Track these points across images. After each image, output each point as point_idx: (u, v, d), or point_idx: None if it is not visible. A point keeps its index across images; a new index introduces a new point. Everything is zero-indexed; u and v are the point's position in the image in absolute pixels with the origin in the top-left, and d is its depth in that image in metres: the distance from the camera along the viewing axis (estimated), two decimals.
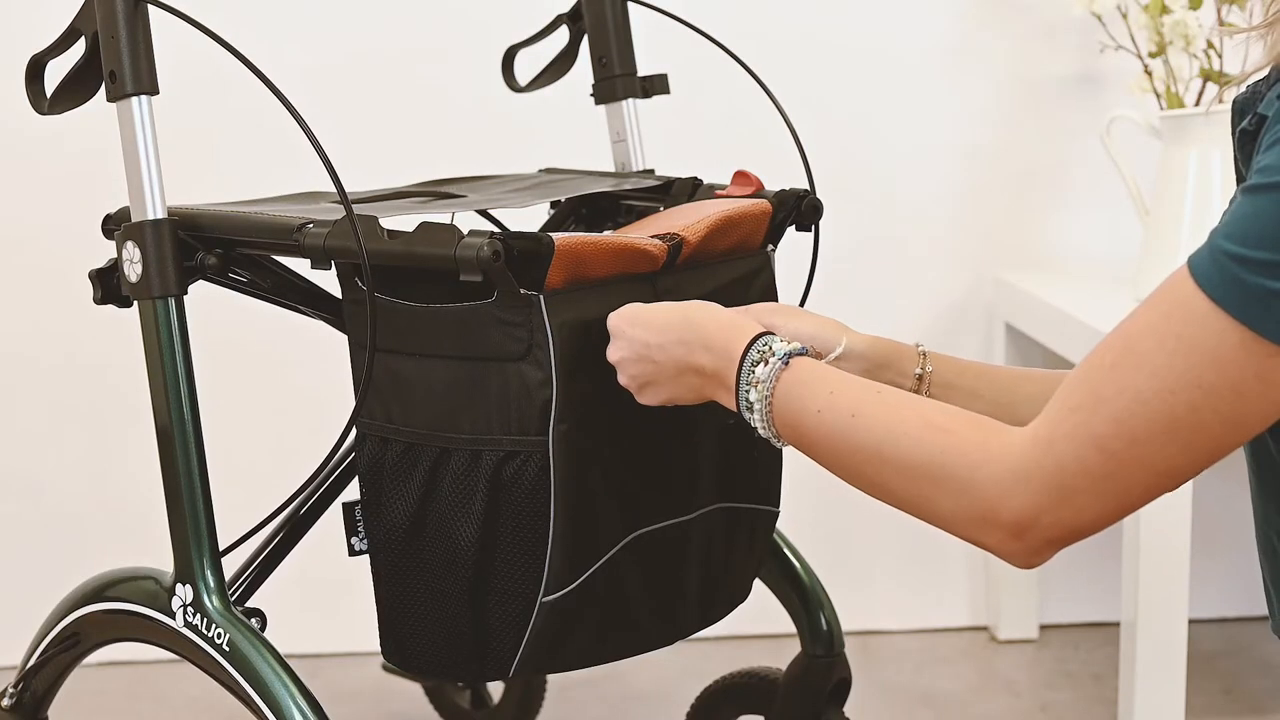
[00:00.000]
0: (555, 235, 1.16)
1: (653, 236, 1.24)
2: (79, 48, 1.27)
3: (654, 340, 1.15)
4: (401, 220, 1.28)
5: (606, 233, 1.55)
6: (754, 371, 1.10)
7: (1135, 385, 0.91)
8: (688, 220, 1.29)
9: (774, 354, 1.10)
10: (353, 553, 1.32)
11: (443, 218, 1.26)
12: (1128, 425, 0.92)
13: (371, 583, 1.29)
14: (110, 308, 1.34)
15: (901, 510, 1.05)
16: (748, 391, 1.10)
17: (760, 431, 1.11)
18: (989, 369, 1.25)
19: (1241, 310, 0.88)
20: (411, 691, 2.08)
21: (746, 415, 1.12)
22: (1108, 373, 0.93)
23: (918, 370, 1.23)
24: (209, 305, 1.47)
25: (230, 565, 1.31)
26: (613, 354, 1.18)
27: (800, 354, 1.10)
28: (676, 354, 1.15)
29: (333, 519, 1.37)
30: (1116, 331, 0.94)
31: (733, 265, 1.32)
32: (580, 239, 1.18)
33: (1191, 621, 1.88)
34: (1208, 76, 2.01)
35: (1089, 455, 0.93)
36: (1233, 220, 0.91)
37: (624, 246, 1.21)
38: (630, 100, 1.63)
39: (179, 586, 1.28)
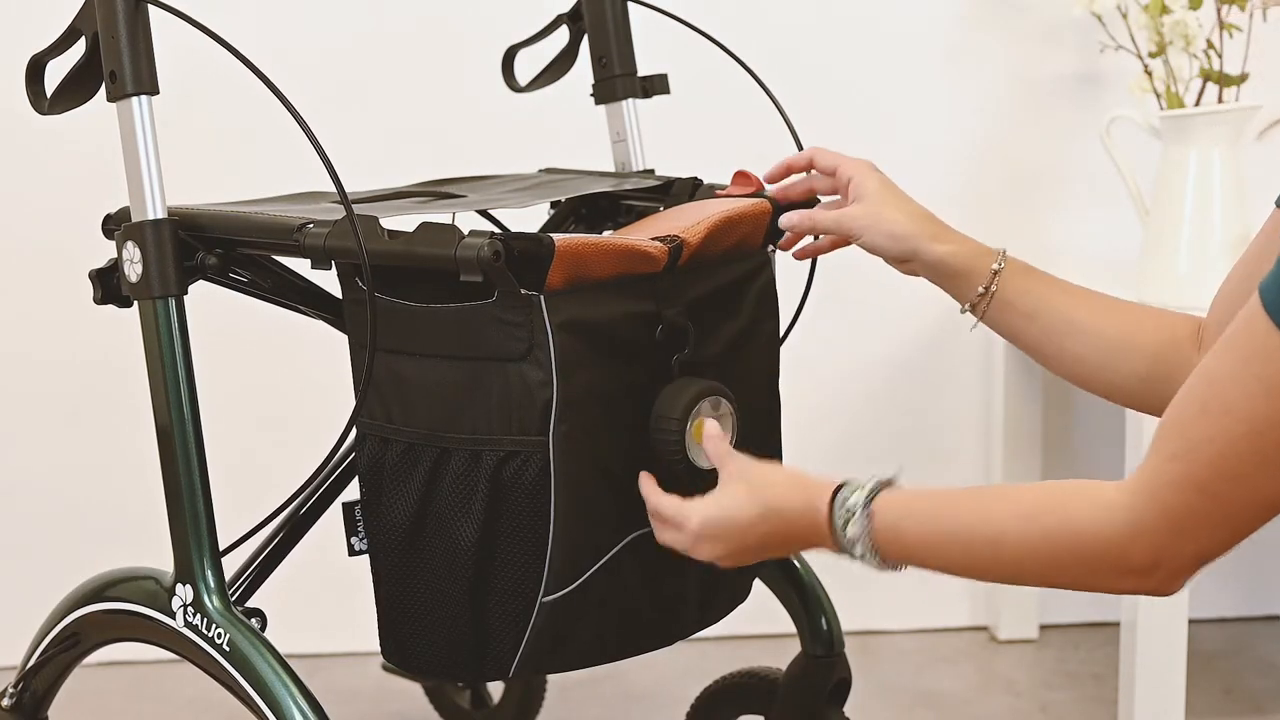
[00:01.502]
0: (555, 236, 1.16)
1: (653, 238, 1.24)
2: (79, 48, 1.27)
3: (738, 542, 1.18)
4: (401, 220, 1.28)
5: (607, 233, 1.55)
6: (845, 533, 1.13)
7: (1225, 430, 0.94)
8: (688, 221, 1.29)
9: (854, 511, 1.13)
10: (353, 553, 1.32)
11: (443, 218, 1.26)
12: (1224, 468, 0.95)
13: (371, 583, 1.29)
14: (110, 308, 1.34)
15: (1041, 587, 1.10)
16: (851, 549, 1.13)
17: (879, 570, 1.15)
18: (1049, 295, 1.29)
19: None
20: (411, 691, 2.08)
21: (859, 562, 1.15)
22: (1196, 418, 0.96)
23: (980, 288, 1.29)
24: (209, 305, 1.47)
25: (230, 565, 1.31)
26: (694, 550, 1.20)
27: (875, 494, 1.12)
28: (765, 547, 1.19)
29: (333, 519, 1.37)
30: (1199, 373, 0.97)
31: (732, 266, 1.32)
32: (581, 240, 1.18)
33: (1191, 621, 1.89)
34: (1208, 76, 2.01)
35: (1193, 499, 0.97)
36: None
37: (625, 247, 1.21)
38: (630, 100, 1.63)
39: (179, 586, 1.28)
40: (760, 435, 1.35)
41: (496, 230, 1.35)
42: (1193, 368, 0.99)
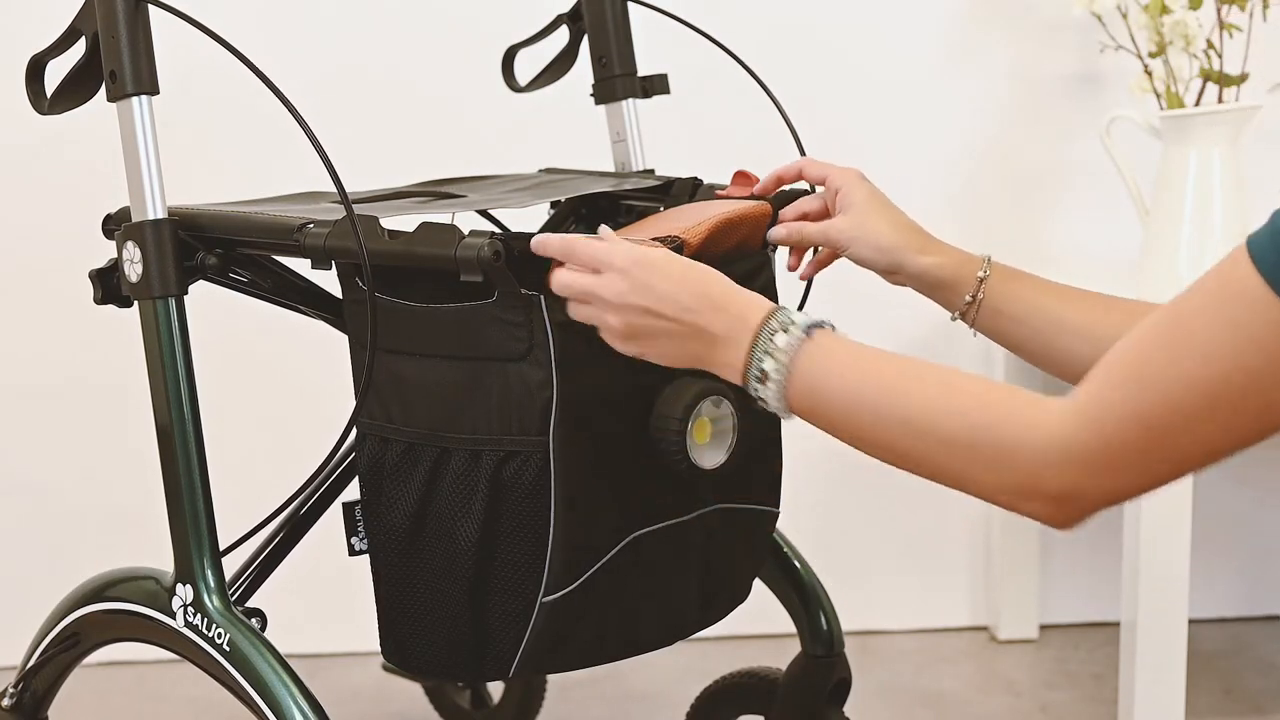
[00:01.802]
0: (556, 238, 1.16)
1: (653, 239, 1.24)
2: (79, 48, 1.27)
3: (670, 295, 1.11)
4: (402, 220, 1.28)
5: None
6: (772, 340, 1.08)
7: (1184, 367, 0.92)
8: (689, 221, 1.29)
9: (795, 324, 1.08)
10: (353, 553, 1.32)
11: (443, 218, 1.26)
12: (1173, 406, 0.93)
13: (371, 583, 1.29)
14: (110, 308, 1.34)
15: (931, 480, 1.05)
16: (762, 361, 1.08)
17: (770, 404, 1.09)
18: (1036, 298, 1.27)
19: None
20: (411, 691, 2.08)
21: (754, 387, 1.09)
22: (1156, 353, 0.93)
23: (968, 297, 1.27)
24: (209, 305, 1.47)
25: (230, 565, 1.31)
26: (607, 293, 1.12)
27: (820, 326, 1.09)
28: (690, 317, 1.10)
29: (333, 519, 1.37)
30: (1169, 307, 0.95)
31: (733, 265, 1.32)
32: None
33: (1191, 621, 1.89)
34: (1208, 76, 2.01)
35: (1133, 433, 0.94)
36: None
37: None
38: (630, 100, 1.63)
39: (179, 586, 1.28)
40: (760, 435, 1.35)
41: (496, 230, 1.35)
42: None
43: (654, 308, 1.11)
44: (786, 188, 1.39)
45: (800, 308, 1.42)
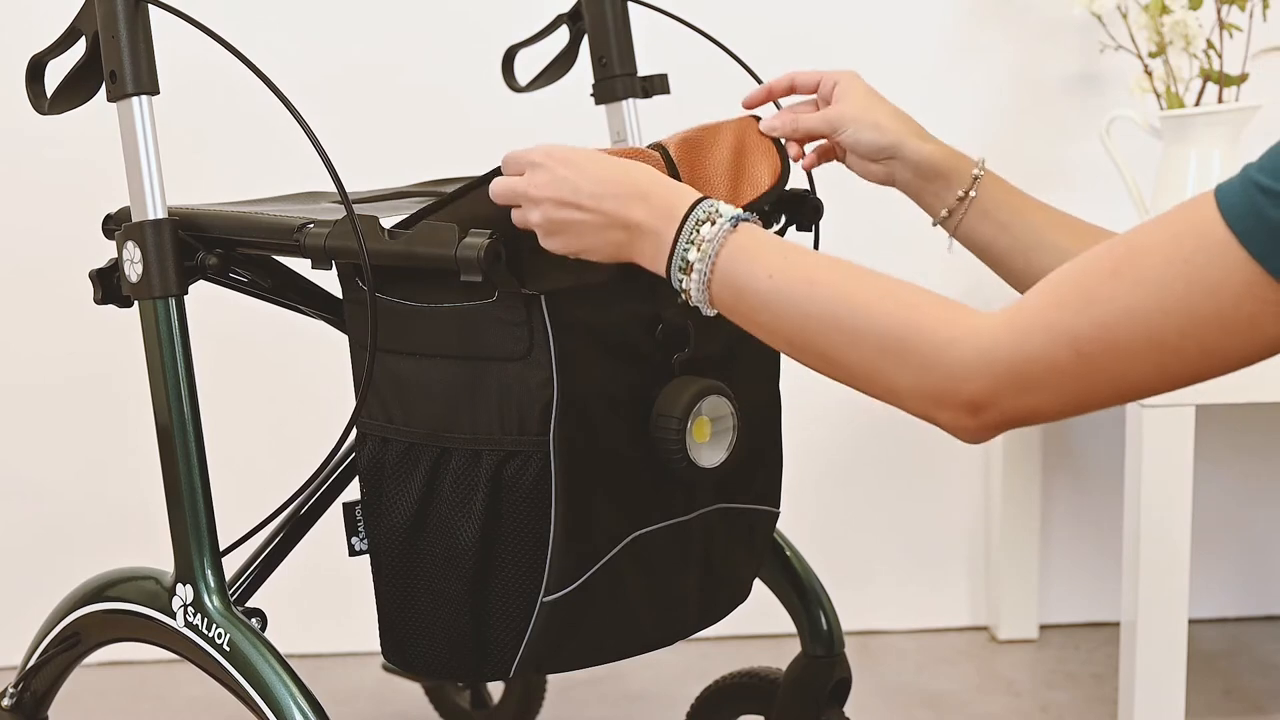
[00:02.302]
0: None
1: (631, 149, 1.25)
2: (79, 48, 1.27)
3: (586, 186, 1.11)
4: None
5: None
6: (698, 231, 1.07)
7: (1130, 298, 0.91)
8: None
9: (721, 215, 1.07)
10: (353, 553, 1.32)
11: None
12: (1110, 334, 0.92)
13: (371, 583, 1.29)
14: (111, 308, 1.34)
15: (848, 383, 1.03)
16: (686, 251, 1.07)
17: (692, 296, 1.08)
18: (1025, 209, 1.27)
19: (1258, 244, 0.88)
20: (411, 691, 2.09)
21: (677, 278, 1.08)
22: (1104, 278, 0.92)
23: (960, 193, 1.28)
24: (209, 305, 1.47)
25: (230, 565, 1.31)
26: (528, 187, 1.12)
27: (747, 220, 1.07)
28: (608, 205, 1.10)
29: (333, 519, 1.37)
30: (1125, 238, 0.94)
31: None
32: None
33: (1191, 621, 1.89)
34: (1208, 76, 2.01)
35: (1062, 353, 0.93)
36: (1269, 155, 0.90)
37: (619, 154, 1.21)
38: (630, 100, 1.63)
39: (179, 586, 1.28)
40: (761, 434, 1.35)
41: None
42: None
43: (570, 199, 1.11)
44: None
45: (785, 181, 1.41)
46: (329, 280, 1.30)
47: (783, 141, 1.34)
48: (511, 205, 1.15)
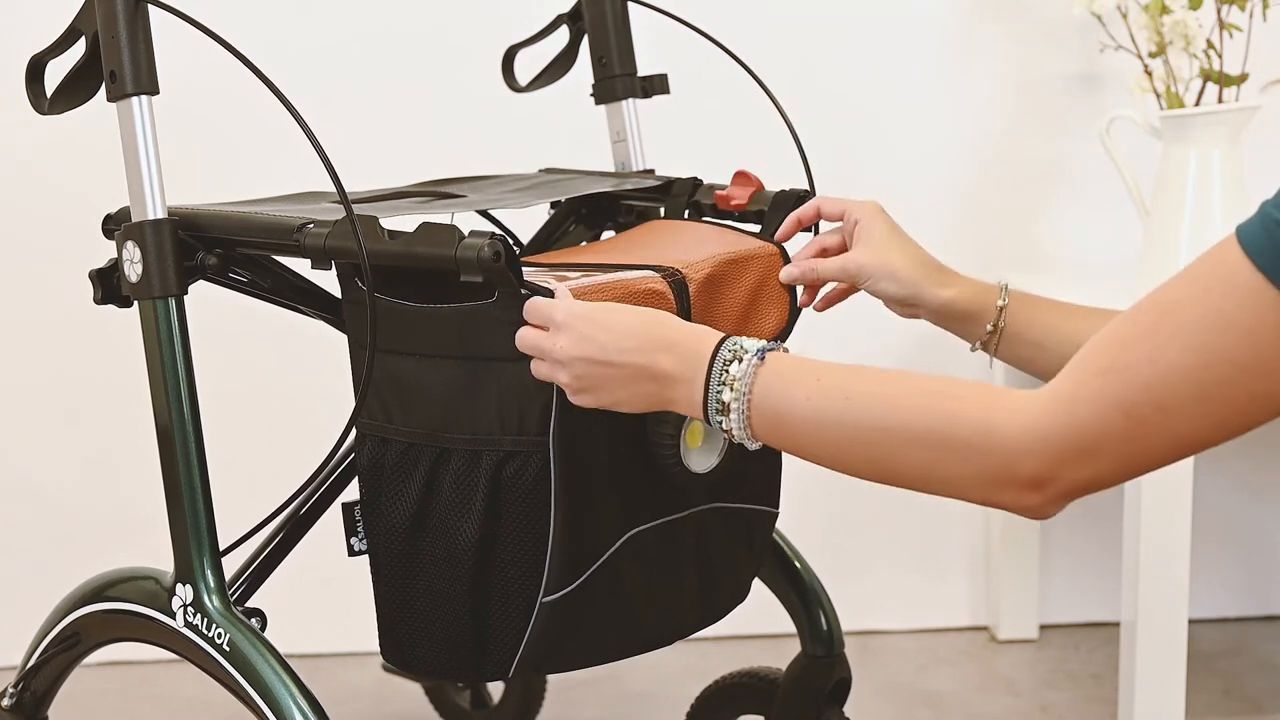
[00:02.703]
0: (559, 288, 1.16)
1: (653, 266, 1.25)
2: (79, 48, 1.27)
3: (611, 342, 1.11)
4: (402, 220, 1.28)
5: (608, 235, 1.55)
6: (727, 371, 1.08)
7: (1168, 355, 0.91)
8: (689, 254, 1.29)
9: (747, 350, 1.08)
10: (352, 553, 1.32)
11: (443, 218, 1.26)
12: (1157, 394, 0.92)
13: (371, 583, 1.29)
14: (110, 308, 1.34)
15: (907, 487, 1.04)
16: (720, 392, 1.08)
17: (734, 435, 1.09)
18: (1058, 322, 1.27)
19: None
20: (411, 691, 2.08)
21: (716, 419, 1.09)
22: (1141, 339, 0.92)
23: (989, 326, 1.27)
24: (209, 305, 1.47)
25: (230, 565, 1.31)
26: (554, 349, 1.12)
27: (773, 349, 1.08)
28: (635, 359, 1.11)
29: (333, 519, 1.37)
30: (1153, 297, 0.94)
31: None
32: (586, 289, 1.18)
33: (1191, 621, 1.89)
34: (1208, 76, 2.01)
35: (1113, 419, 0.93)
36: None
37: (634, 294, 1.21)
38: (630, 100, 1.63)
39: (179, 586, 1.28)
40: None
41: (496, 230, 1.35)
42: None
43: (598, 357, 1.11)
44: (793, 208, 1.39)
45: (790, 331, 1.42)
46: (329, 280, 1.30)
47: (797, 290, 1.35)
48: (534, 356, 1.15)
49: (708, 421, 1.10)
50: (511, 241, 1.34)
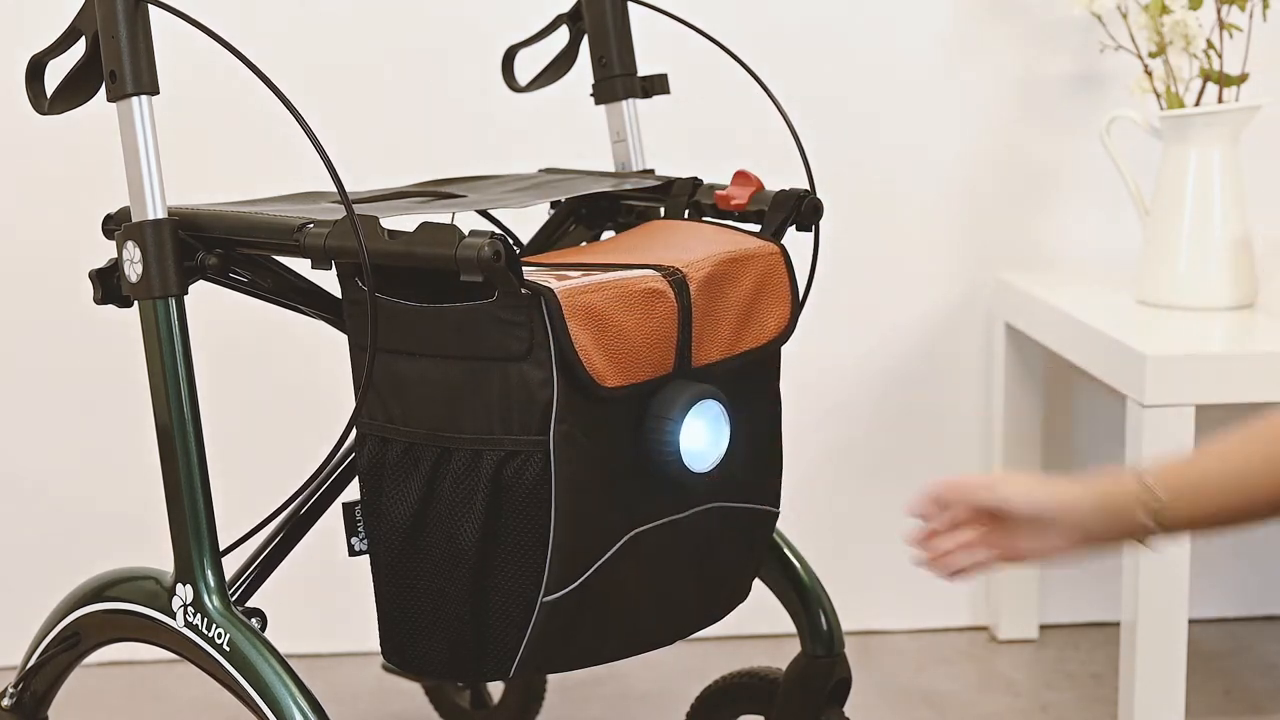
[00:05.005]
0: (558, 288, 1.16)
1: (651, 267, 1.25)
2: (79, 48, 1.27)
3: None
4: (402, 220, 1.28)
5: (607, 233, 1.55)
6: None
7: None
8: (688, 253, 1.28)
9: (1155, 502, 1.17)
10: (353, 553, 1.32)
11: (443, 218, 1.26)
12: None
13: (371, 583, 1.29)
14: (110, 307, 1.34)
15: None
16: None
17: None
18: (1217, 480, 1.20)
19: None
20: (411, 691, 2.08)
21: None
22: None
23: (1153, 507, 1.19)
24: (209, 305, 1.47)
25: (230, 565, 1.31)
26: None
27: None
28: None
29: (333, 519, 1.37)
30: None
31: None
32: (587, 288, 1.18)
33: (1191, 621, 1.88)
34: (1208, 76, 2.01)
35: None
36: None
37: (634, 293, 1.21)
38: (630, 100, 1.63)
39: (179, 586, 1.28)
40: (761, 437, 1.35)
41: (497, 230, 1.35)
42: None
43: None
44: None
45: (802, 304, 1.42)
46: (329, 280, 1.30)
47: (799, 288, 1.35)
48: None
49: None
50: (511, 241, 1.34)
